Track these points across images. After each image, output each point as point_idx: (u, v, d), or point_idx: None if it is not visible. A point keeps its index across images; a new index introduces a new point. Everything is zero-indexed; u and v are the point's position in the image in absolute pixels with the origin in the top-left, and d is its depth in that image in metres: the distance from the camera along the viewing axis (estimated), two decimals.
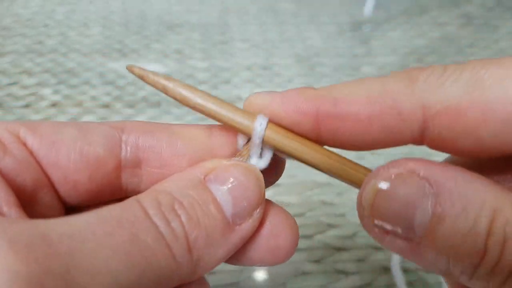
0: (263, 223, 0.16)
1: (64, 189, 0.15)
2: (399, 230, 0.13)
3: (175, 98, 0.16)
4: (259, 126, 0.15)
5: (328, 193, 0.37)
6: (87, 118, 0.44)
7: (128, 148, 0.16)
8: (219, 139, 0.16)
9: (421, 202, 0.13)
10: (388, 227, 0.13)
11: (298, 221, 0.37)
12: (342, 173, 0.16)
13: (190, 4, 0.63)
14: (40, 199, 0.15)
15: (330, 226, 0.35)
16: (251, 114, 0.16)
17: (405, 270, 0.32)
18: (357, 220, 0.18)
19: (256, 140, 0.15)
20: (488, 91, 0.13)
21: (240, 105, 0.16)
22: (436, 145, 0.14)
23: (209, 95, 0.16)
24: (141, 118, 0.44)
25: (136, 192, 0.16)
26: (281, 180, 0.17)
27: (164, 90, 0.16)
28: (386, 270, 0.32)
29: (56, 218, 0.12)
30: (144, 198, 0.13)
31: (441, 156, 0.16)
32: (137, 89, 0.48)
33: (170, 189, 0.14)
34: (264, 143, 0.16)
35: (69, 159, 0.15)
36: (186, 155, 0.16)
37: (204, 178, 0.15)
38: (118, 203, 0.13)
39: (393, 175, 0.13)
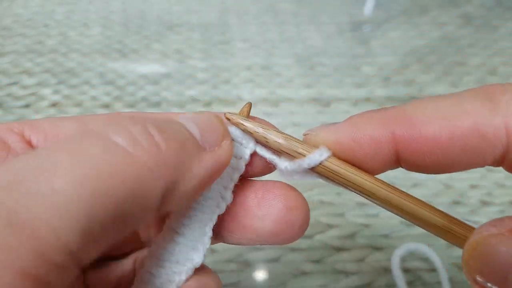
0: (279, 196, 0.16)
1: None
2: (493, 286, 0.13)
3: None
4: (318, 155, 0.16)
5: (328, 193, 0.37)
6: None
7: None
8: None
9: None
10: (489, 284, 0.13)
11: None
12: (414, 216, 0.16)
13: (190, 4, 0.63)
14: None
15: (330, 226, 0.35)
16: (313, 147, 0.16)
17: (405, 270, 0.32)
18: (356, 220, 0.18)
19: (304, 165, 0.16)
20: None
21: (240, 105, 0.16)
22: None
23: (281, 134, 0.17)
24: None
25: None
26: (280, 180, 0.17)
27: (265, 140, 0.16)
28: (386, 270, 0.32)
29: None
30: (108, 126, 0.12)
31: None
32: (137, 89, 0.48)
33: (143, 117, 0.14)
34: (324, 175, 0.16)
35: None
36: None
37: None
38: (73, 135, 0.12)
39: (494, 235, 0.13)
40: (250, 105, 0.18)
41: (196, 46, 0.55)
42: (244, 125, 0.16)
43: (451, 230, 0.15)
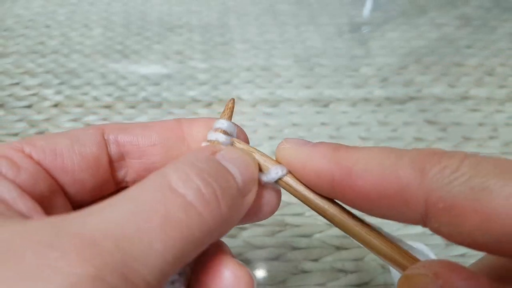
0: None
1: (73, 190, 0.17)
2: None
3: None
4: (274, 173, 0.18)
5: None
6: (89, 118, 0.44)
7: (111, 145, 0.18)
8: (187, 129, 0.19)
9: None
10: None
11: (298, 220, 0.37)
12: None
13: (190, 5, 0.64)
14: (55, 204, 0.17)
15: (329, 225, 0.35)
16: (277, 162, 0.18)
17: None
18: None
19: (265, 179, 0.18)
20: (493, 204, 0.13)
21: (240, 105, 0.18)
22: (437, 233, 0.15)
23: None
24: (142, 118, 0.45)
25: (124, 182, 0.19)
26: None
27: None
28: (384, 269, 0.33)
29: (84, 212, 0.12)
30: (169, 171, 0.14)
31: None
32: (138, 90, 0.48)
33: (191, 160, 0.15)
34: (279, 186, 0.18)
35: (73, 162, 0.17)
36: (159, 143, 0.18)
37: (214, 156, 0.16)
38: (141, 184, 0.14)
39: (421, 274, 0.14)
40: (234, 101, 0.20)
41: (196, 47, 0.55)
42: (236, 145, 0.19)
43: (394, 260, 0.17)
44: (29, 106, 0.46)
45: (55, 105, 0.46)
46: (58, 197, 0.17)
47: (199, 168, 0.14)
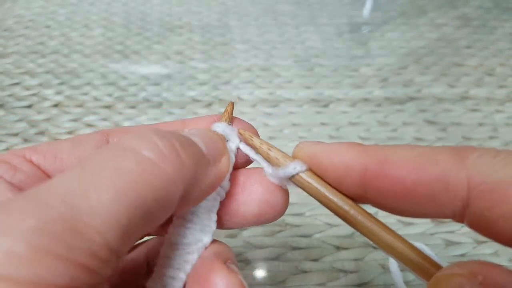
0: (259, 181, 0.18)
1: None
2: None
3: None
4: (292, 168, 0.17)
5: None
6: (89, 118, 0.45)
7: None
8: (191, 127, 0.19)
9: None
10: None
11: (298, 220, 0.37)
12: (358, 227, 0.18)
13: (191, 5, 0.64)
14: None
15: (329, 225, 0.35)
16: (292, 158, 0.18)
17: (403, 269, 0.33)
18: None
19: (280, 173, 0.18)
20: None
21: (240, 105, 0.18)
22: (475, 226, 0.15)
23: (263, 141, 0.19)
24: (142, 118, 0.45)
25: None
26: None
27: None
28: (384, 268, 0.33)
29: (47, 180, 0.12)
30: (131, 139, 0.14)
31: None
32: (138, 90, 0.48)
33: (153, 129, 0.15)
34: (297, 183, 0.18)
35: (71, 164, 0.17)
36: None
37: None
38: (100, 150, 0.14)
39: (455, 274, 0.14)
40: (232, 104, 0.20)
41: (196, 47, 0.55)
42: (252, 140, 0.19)
43: (421, 266, 0.16)
44: (29, 106, 0.46)
45: (55, 105, 0.46)
46: None
47: (161, 134, 0.14)
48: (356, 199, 0.17)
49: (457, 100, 0.49)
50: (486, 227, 0.14)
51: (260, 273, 0.32)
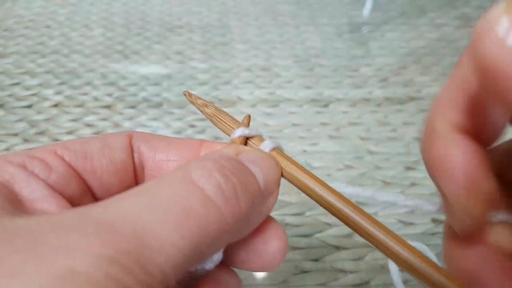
0: (258, 229, 0.17)
1: (100, 193, 0.18)
2: None
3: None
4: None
5: None
6: (89, 118, 0.45)
7: (135, 153, 0.19)
8: (205, 151, 0.19)
9: None
10: None
11: (298, 220, 0.37)
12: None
13: (191, 5, 0.64)
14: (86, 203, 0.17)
15: (329, 225, 0.35)
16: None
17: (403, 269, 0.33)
18: None
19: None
20: None
21: (240, 105, 0.18)
22: None
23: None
24: (142, 118, 0.45)
25: None
26: (281, 180, 0.18)
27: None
28: (384, 268, 0.33)
29: (106, 201, 0.13)
30: (191, 166, 0.14)
31: None
32: (138, 90, 0.48)
33: (214, 157, 0.15)
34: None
35: (102, 166, 0.17)
36: (175, 160, 0.19)
37: (236, 157, 0.16)
38: (162, 176, 0.14)
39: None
40: (249, 117, 0.20)
41: (196, 48, 0.55)
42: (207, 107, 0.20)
43: (418, 267, 0.16)
44: (29, 106, 0.46)
45: (55, 105, 0.46)
46: (87, 199, 0.17)
47: (221, 165, 0.14)
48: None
49: None
50: None
51: (260, 273, 0.32)
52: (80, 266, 0.10)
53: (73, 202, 0.16)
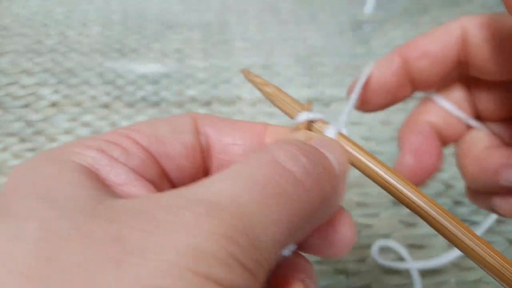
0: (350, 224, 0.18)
1: (176, 176, 0.18)
2: None
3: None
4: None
5: None
6: (86, 118, 0.44)
7: (201, 135, 0.19)
8: (272, 135, 0.19)
9: None
10: None
11: None
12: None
13: (190, 3, 0.63)
14: (164, 189, 0.17)
15: None
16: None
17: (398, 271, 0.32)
18: (356, 220, 0.18)
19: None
20: None
21: (240, 105, 0.17)
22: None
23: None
24: (140, 118, 0.44)
25: (210, 173, 0.20)
26: None
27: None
28: (386, 270, 0.32)
29: (204, 183, 0.13)
30: (274, 149, 0.15)
31: None
32: (136, 89, 0.48)
33: (293, 142, 0.15)
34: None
35: (175, 149, 0.17)
36: (242, 144, 0.19)
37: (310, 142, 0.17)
38: (247, 160, 0.14)
39: None
40: (311, 104, 0.20)
41: (195, 46, 0.54)
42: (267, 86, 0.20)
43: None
44: (26, 106, 0.45)
45: (53, 105, 0.45)
46: (165, 183, 0.18)
47: (303, 149, 0.15)
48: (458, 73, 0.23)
49: None
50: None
51: None
52: (205, 244, 0.11)
53: (155, 186, 0.16)
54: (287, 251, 0.17)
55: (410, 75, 0.23)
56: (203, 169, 0.19)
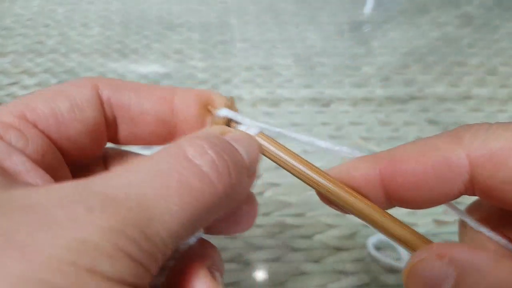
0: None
1: (74, 155, 0.17)
2: None
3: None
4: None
5: None
6: None
7: (105, 106, 0.18)
8: (181, 101, 0.19)
9: (444, 283, 0.14)
10: None
11: (298, 221, 0.37)
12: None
13: (190, 4, 0.63)
14: (61, 174, 0.17)
15: (330, 226, 0.35)
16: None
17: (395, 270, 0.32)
18: (356, 220, 0.18)
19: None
20: None
21: (240, 105, 0.18)
22: (484, 195, 0.16)
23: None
24: None
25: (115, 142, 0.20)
26: (280, 180, 0.18)
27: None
28: (384, 270, 0.32)
29: (105, 175, 0.13)
30: (184, 143, 0.15)
31: None
32: None
33: (204, 136, 0.15)
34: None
35: (75, 130, 0.17)
36: (152, 114, 0.18)
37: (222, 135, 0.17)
38: (158, 153, 0.14)
39: (422, 260, 0.15)
40: (232, 99, 0.20)
41: (196, 46, 0.55)
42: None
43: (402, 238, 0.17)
44: None
45: None
46: (62, 167, 0.17)
47: (213, 143, 0.15)
48: (385, 205, 0.18)
49: (459, 99, 0.48)
50: (493, 195, 0.16)
51: (260, 274, 0.32)
52: (91, 238, 0.11)
53: (52, 171, 0.16)
54: (192, 239, 0.17)
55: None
56: (105, 141, 0.19)
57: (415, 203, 0.17)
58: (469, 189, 0.16)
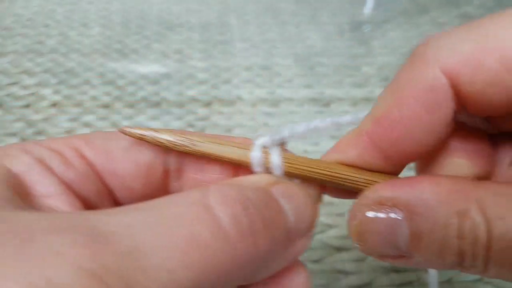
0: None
1: (122, 195, 0.16)
2: (391, 253, 0.14)
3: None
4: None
5: None
6: (87, 118, 0.44)
7: (172, 155, 0.17)
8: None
9: (398, 227, 0.14)
10: (382, 253, 0.15)
11: None
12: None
13: (190, 4, 0.63)
14: (103, 207, 0.16)
15: (330, 226, 0.35)
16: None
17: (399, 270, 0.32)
18: None
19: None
20: (501, 40, 0.14)
21: (240, 105, 0.17)
22: (473, 107, 0.15)
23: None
24: (141, 118, 0.44)
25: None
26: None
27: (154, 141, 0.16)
28: (385, 270, 0.32)
29: (110, 210, 0.12)
30: (211, 188, 0.13)
31: None
32: (137, 89, 0.48)
33: (239, 184, 0.14)
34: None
35: (125, 169, 0.16)
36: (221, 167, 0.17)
37: (269, 188, 0.15)
38: (176, 195, 0.13)
39: (368, 211, 0.15)
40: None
41: (196, 46, 0.55)
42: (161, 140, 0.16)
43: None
44: (27, 106, 0.45)
45: (53, 105, 0.46)
46: (106, 201, 0.16)
47: (244, 195, 0.13)
48: (391, 168, 0.17)
49: None
50: (480, 104, 0.14)
51: None
52: (59, 278, 0.10)
53: (89, 202, 0.15)
54: None
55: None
56: (165, 190, 0.17)
57: (419, 147, 0.15)
58: (459, 107, 0.15)
